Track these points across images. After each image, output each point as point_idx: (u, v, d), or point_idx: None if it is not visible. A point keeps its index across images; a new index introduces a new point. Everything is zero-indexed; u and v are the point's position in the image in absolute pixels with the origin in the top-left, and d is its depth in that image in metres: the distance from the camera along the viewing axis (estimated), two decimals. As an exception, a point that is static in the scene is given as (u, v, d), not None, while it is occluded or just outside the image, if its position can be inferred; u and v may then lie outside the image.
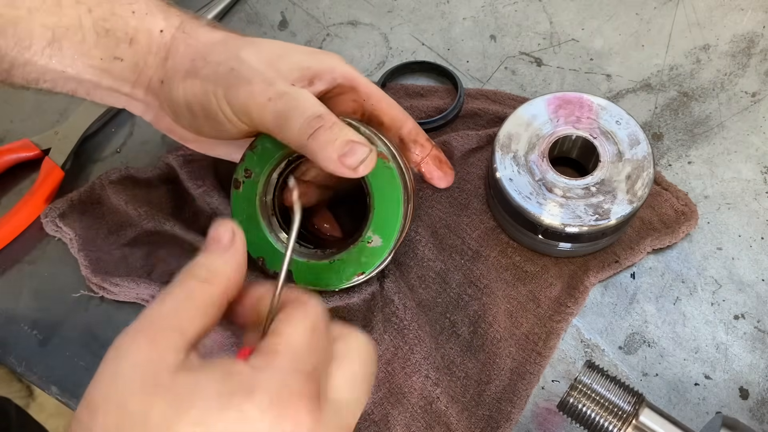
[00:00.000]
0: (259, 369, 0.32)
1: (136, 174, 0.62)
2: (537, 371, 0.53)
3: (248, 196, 0.49)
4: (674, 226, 0.58)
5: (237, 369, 0.32)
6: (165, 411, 0.30)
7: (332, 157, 0.42)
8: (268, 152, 0.48)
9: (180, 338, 0.32)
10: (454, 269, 0.57)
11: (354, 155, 0.42)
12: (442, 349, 0.54)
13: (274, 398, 0.31)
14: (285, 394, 0.31)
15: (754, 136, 0.64)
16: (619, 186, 0.54)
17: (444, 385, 0.52)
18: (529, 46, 0.70)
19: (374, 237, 0.47)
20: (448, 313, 0.55)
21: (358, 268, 0.48)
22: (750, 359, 0.54)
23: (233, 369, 0.32)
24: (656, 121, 0.65)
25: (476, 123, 0.64)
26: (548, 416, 0.52)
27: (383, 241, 0.47)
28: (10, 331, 0.57)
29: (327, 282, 0.49)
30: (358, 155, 0.42)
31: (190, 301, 0.34)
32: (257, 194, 0.49)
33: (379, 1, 0.74)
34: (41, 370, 0.56)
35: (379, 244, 0.47)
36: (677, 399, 0.53)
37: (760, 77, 0.67)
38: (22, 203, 0.61)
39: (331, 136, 0.42)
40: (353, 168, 0.42)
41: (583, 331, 0.55)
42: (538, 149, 0.55)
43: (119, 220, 0.60)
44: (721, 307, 0.56)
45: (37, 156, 0.64)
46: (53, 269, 0.60)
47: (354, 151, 0.42)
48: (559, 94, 0.58)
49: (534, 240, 0.56)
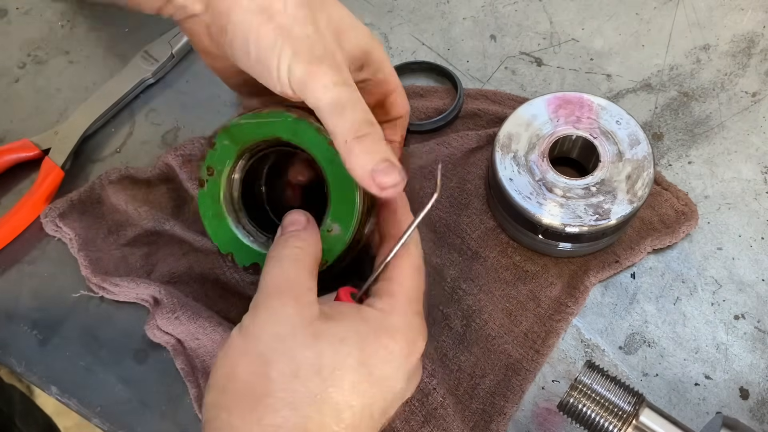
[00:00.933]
0: (388, 312, 0.40)
1: (136, 174, 0.62)
2: (533, 368, 0.53)
3: (213, 193, 0.49)
4: (674, 226, 0.58)
5: (369, 314, 0.40)
6: (331, 355, 0.37)
7: (366, 167, 0.42)
8: (228, 150, 0.47)
9: (312, 294, 0.40)
10: (451, 265, 0.57)
11: (388, 176, 0.42)
12: (436, 341, 0.54)
13: (407, 337, 0.40)
14: (412, 335, 0.40)
15: (755, 136, 0.64)
16: (620, 186, 0.54)
17: (439, 377, 0.52)
18: (529, 46, 0.70)
19: (333, 225, 0.46)
20: (441, 305, 0.56)
21: (321, 257, 0.48)
22: (750, 359, 0.54)
23: (366, 315, 0.40)
24: (656, 121, 0.65)
25: (476, 123, 0.64)
26: (548, 416, 0.52)
27: (342, 229, 0.46)
28: (10, 331, 0.57)
29: None
30: (391, 178, 0.42)
31: (302, 265, 0.41)
32: (221, 191, 0.49)
33: (379, 1, 0.74)
34: (41, 370, 0.56)
35: (338, 232, 0.46)
36: (677, 399, 0.53)
37: (760, 77, 0.67)
38: (22, 203, 0.61)
39: (374, 147, 0.42)
40: (382, 187, 0.42)
41: (583, 331, 0.55)
42: (538, 149, 0.55)
43: (119, 219, 0.60)
44: (722, 307, 0.56)
45: (37, 156, 0.64)
46: (53, 269, 0.60)
47: (389, 172, 0.42)
48: (559, 94, 0.58)
49: (534, 240, 0.56)
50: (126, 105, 0.68)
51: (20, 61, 0.71)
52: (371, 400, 0.38)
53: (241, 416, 0.37)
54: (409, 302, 0.41)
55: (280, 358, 0.37)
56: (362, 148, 0.41)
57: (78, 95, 0.69)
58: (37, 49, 0.72)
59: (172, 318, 0.54)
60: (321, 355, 0.37)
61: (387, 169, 0.41)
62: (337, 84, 0.42)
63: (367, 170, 0.42)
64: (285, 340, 0.38)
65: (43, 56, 0.72)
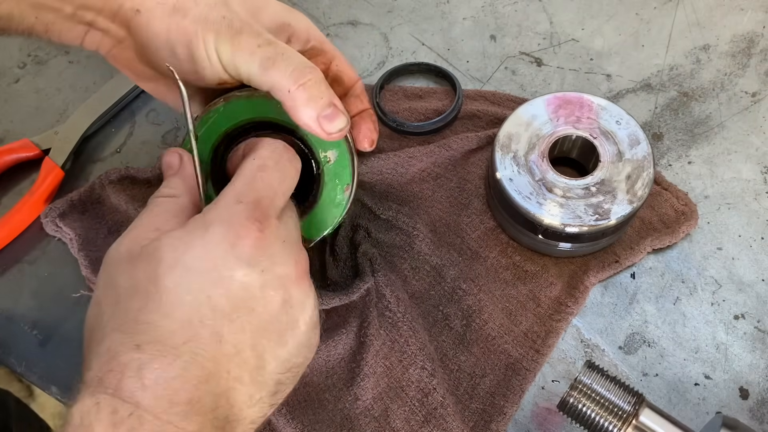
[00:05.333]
0: (208, 211, 0.39)
1: (136, 174, 0.62)
2: (533, 368, 0.53)
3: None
4: (674, 226, 0.58)
5: (191, 221, 0.39)
6: (145, 269, 0.37)
7: (312, 114, 0.42)
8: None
9: (156, 233, 0.39)
10: (451, 265, 0.57)
11: (334, 121, 0.43)
12: (435, 341, 0.54)
13: (226, 226, 0.37)
14: (235, 221, 0.38)
15: (754, 136, 0.64)
16: (619, 186, 0.54)
17: (439, 377, 0.52)
18: (529, 46, 0.70)
19: (327, 153, 0.47)
20: (441, 305, 0.56)
21: (341, 182, 0.48)
22: (750, 359, 0.54)
23: (189, 222, 0.39)
24: (656, 121, 0.65)
25: (475, 124, 0.65)
26: (548, 416, 0.52)
27: (338, 152, 0.47)
28: (10, 331, 0.57)
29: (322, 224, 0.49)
30: (336, 123, 0.43)
31: (158, 213, 0.41)
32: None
33: (379, 1, 0.74)
34: (41, 370, 0.56)
35: (336, 156, 0.47)
36: (677, 399, 0.53)
37: (760, 77, 0.67)
38: (22, 203, 0.61)
39: (317, 92, 0.42)
40: (329, 133, 0.43)
41: (583, 331, 0.55)
42: (538, 149, 0.55)
43: (119, 219, 0.60)
44: (721, 307, 0.56)
45: (37, 156, 0.64)
46: (53, 269, 0.60)
47: (335, 116, 0.43)
48: (559, 94, 0.58)
49: (534, 240, 0.56)
50: (126, 105, 0.68)
51: (20, 61, 0.71)
52: (203, 293, 0.36)
53: (85, 355, 0.37)
54: (235, 194, 0.39)
55: (106, 292, 0.38)
56: (305, 96, 0.42)
57: (78, 95, 0.69)
58: (37, 49, 0.72)
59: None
60: (136, 274, 0.37)
61: (333, 114, 0.43)
62: (261, 45, 0.43)
63: (313, 118, 0.42)
64: (109, 275, 0.38)
65: (44, 56, 0.72)
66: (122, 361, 0.33)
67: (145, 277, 0.36)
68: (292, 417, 0.51)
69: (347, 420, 0.51)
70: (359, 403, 0.52)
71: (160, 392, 0.33)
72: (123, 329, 0.35)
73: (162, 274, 0.36)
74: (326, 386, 0.53)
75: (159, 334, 0.34)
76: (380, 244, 0.58)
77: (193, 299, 0.36)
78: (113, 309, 0.36)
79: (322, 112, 0.42)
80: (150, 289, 0.36)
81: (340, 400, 0.52)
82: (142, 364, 0.33)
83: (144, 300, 0.36)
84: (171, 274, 0.36)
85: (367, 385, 0.52)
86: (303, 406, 0.52)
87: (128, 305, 0.36)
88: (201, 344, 0.35)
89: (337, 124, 0.43)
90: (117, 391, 0.33)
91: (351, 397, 0.52)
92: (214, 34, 0.44)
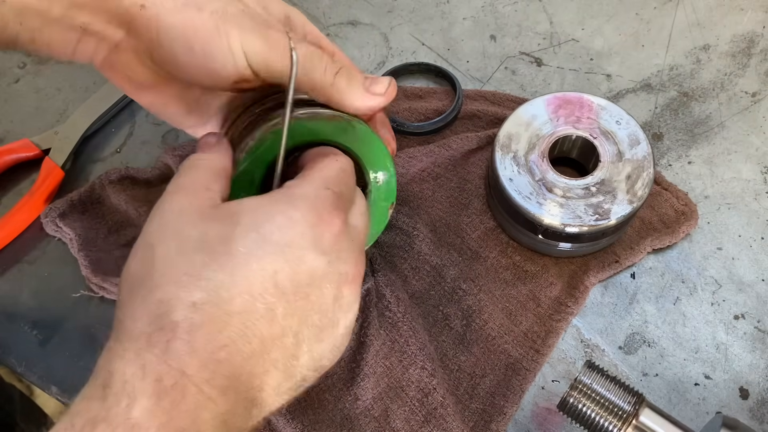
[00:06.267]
0: (294, 186, 0.38)
1: (136, 174, 0.62)
2: (533, 368, 0.53)
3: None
4: (674, 226, 0.58)
5: (273, 193, 0.38)
6: (219, 228, 0.34)
7: (359, 90, 0.44)
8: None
9: (210, 193, 0.37)
10: (451, 265, 0.57)
11: (379, 83, 0.44)
12: (435, 341, 0.54)
13: (311, 206, 0.36)
14: (320, 204, 0.37)
15: (754, 136, 0.64)
16: (619, 186, 0.54)
17: (439, 377, 0.52)
18: (529, 46, 0.70)
19: (378, 174, 0.47)
20: (441, 305, 0.56)
21: (387, 201, 0.49)
22: (750, 359, 0.54)
23: (273, 193, 0.38)
24: (656, 121, 0.65)
25: (475, 125, 0.65)
26: (548, 416, 0.52)
27: (387, 174, 0.47)
28: (10, 331, 0.57)
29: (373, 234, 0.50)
30: (382, 83, 0.44)
31: (202, 171, 0.39)
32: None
33: (379, 1, 0.74)
34: (41, 370, 0.56)
35: (385, 177, 0.47)
36: (677, 399, 0.53)
37: (760, 77, 0.67)
38: (22, 203, 0.61)
39: (351, 74, 0.44)
40: (381, 93, 0.44)
41: (583, 331, 0.55)
42: (538, 149, 0.55)
43: (119, 219, 0.60)
44: (721, 307, 0.56)
45: (37, 156, 0.64)
46: (53, 269, 0.60)
47: (377, 81, 0.44)
48: (559, 94, 0.58)
49: (534, 240, 0.56)
50: (126, 105, 0.68)
51: (20, 61, 0.71)
52: (272, 266, 0.34)
53: (128, 302, 0.34)
54: (323, 179, 0.39)
55: (164, 240, 0.35)
56: (344, 81, 0.43)
57: (78, 95, 0.69)
58: (37, 49, 0.72)
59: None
60: (207, 231, 0.35)
61: (374, 81, 0.44)
62: (297, 42, 0.42)
63: (361, 92, 0.43)
64: (169, 225, 0.36)
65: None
66: (174, 319, 0.32)
67: (217, 236, 0.34)
68: (292, 417, 0.51)
69: (347, 420, 0.51)
70: (359, 403, 0.52)
71: (206, 360, 0.32)
72: (180, 283, 0.33)
73: (236, 236, 0.34)
74: (326, 386, 0.53)
75: (217, 296, 0.33)
76: (380, 244, 0.58)
77: (261, 269, 0.34)
78: (172, 259, 0.34)
79: (366, 85, 0.44)
80: (219, 248, 0.34)
81: (340, 400, 0.52)
82: (193, 326, 0.32)
83: (210, 256, 0.34)
84: (245, 238, 0.34)
85: (367, 385, 0.52)
86: (303, 406, 0.52)
87: (192, 257, 0.34)
88: (254, 318, 0.34)
89: (382, 84, 0.44)
90: (165, 354, 0.31)
91: (351, 397, 0.52)
92: (238, 29, 0.41)
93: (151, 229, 0.36)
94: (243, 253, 0.34)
